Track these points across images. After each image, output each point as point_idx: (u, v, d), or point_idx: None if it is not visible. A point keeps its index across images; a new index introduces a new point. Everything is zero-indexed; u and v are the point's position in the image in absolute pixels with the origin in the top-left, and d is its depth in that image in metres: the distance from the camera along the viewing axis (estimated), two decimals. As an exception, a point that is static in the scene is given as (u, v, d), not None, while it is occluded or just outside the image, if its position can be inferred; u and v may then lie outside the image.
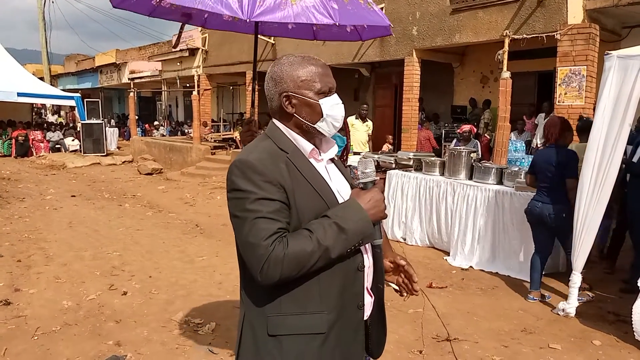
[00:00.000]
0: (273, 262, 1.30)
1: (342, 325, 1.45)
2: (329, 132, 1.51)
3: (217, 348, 3.55)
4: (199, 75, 16.69)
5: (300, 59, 1.49)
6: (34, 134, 17.76)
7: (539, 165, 4.64)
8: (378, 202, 1.44)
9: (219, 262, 5.59)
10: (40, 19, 23.94)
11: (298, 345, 1.40)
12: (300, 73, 1.46)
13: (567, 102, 7.67)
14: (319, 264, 1.35)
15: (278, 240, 1.31)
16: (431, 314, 4.26)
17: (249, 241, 1.33)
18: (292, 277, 1.34)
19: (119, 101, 31.61)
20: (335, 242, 1.34)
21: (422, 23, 9.74)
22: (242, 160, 1.39)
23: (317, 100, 1.47)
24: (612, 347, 3.73)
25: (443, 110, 12.32)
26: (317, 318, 1.40)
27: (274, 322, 1.40)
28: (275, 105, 1.51)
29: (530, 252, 5.21)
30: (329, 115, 1.48)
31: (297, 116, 1.47)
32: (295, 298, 1.39)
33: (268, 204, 1.34)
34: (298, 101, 1.47)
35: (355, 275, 1.47)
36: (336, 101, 1.51)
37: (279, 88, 1.48)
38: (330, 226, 1.35)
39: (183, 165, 14.11)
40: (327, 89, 1.49)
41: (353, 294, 1.47)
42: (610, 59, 3.96)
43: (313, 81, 1.47)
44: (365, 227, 1.40)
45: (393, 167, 7.01)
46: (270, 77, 1.50)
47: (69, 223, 7.45)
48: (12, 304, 4.30)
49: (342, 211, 1.39)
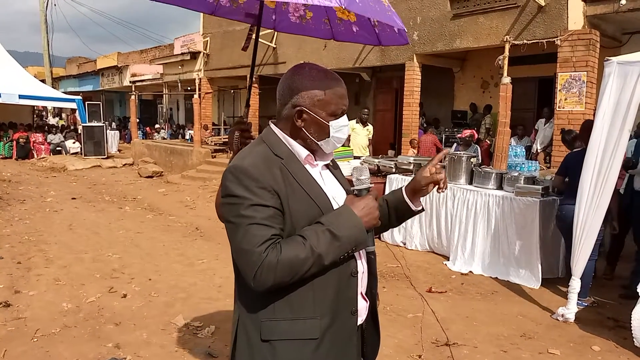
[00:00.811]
0: (266, 269, 1.29)
1: (336, 331, 1.45)
2: (329, 150, 1.53)
3: (216, 351, 3.55)
4: (200, 79, 16.74)
5: (323, 75, 1.48)
6: (35, 136, 17.79)
7: (572, 168, 4.61)
8: (371, 210, 1.44)
9: (219, 266, 5.60)
10: (42, 22, 24.01)
11: (291, 351, 1.40)
12: (319, 92, 1.45)
13: (567, 107, 7.69)
14: (312, 271, 1.35)
15: (272, 246, 1.31)
16: (430, 319, 4.26)
17: (242, 247, 1.33)
18: (286, 283, 1.34)
19: (120, 104, 31.66)
20: (329, 248, 1.35)
21: (422, 28, 9.78)
22: (237, 165, 1.38)
23: (327, 122, 1.47)
24: (611, 352, 3.73)
25: (443, 115, 12.34)
26: (310, 323, 1.40)
27: (267, 327, 1.40)
28: (284, 113, 1.50)
29: (529, 256, 5.22)
30: (334, 137, 1.49)
31: (304, 130, 1.47)
32: (288, 303, 1.39)
33: (262, 210, 1.34)
34: (309, 118, 1.46)
35: (349, 280, 1.47)
36: (344, 123, 1.51)
37: (294, 99, 1.46)
38: (324, 233, 1.35)
39: (184, 169, 14.13)
40: (340, 112, 1.49)
41: (347, 299, 1.47)
42: (610, 65, 3.97)
43: (329, 102, 1.46)
44: (358, 234, 1.40)
45: (393, 172, 7.02)
46: (288, 84, 1.48)
47: (69, 225, 7.46)
48: (12, 305, 4.30)
49: (336, 218, 1.39)
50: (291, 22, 2.78)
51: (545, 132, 9.25)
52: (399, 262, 5.97)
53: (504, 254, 5.45)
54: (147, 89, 23.51)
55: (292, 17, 2.76)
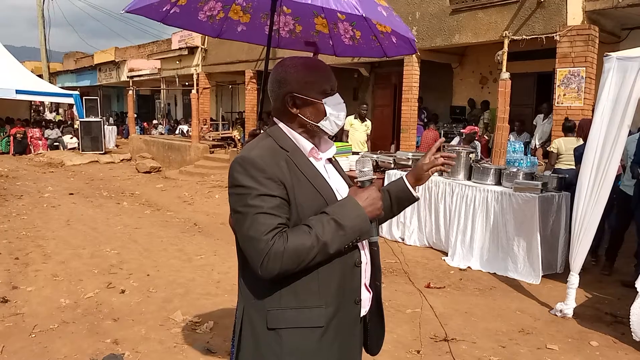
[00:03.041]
0: (273, 256, 1.34)
1: (340, 320, 1.49)
2: (332, 130, 1.57)
3: (215, 346, 3.55)
4: (198, 74, 16.68)
5: (303, 61, 1.55)
6: (32, 131, 17.72)
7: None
8: (374, 200, 1.48)
9: (217, 261, 5.59)
10: (39, 16, 23.90)
11: (297, 339, 1.44)
12: (304, 74, 1.51)
13: (566, 103, 7.68)
14: (318, 259, 1.39)
15: (278, 235, 1.35)
16: (429, 314, 4.27)
17: (250, 235, 1.37)
18: (292, 271, 1.38)
19: (117, 99, 31.55)
20: (334, 237, 1.38)
21: (421, 23, 9.75)
22: (244, 157, 1.43)
23: (320, 100, 1.52)
24: (609, 347, 3.74)
25: (442, 111, 12.33)
26: (316, 312, 1.44)
27: (273, 316, 1.44)
28: (278, 106, 1.55)
29: (528, 252, 5.23)
30: (331, 114, 1.54)
31: (301, 116, 1.53)
32: (294, 292, 1.43)
33: (269, 200, 1.38)
34: (302, 101, 1.52)
35: (353, 271, 1.51)
36: (338, 100, 1.56)
37: (282, 90, 1.52)
38: (329, 222, 1.39)
39: (182, 164, 14.10)
40: (330, 89, 1.54)
41: (351, 289, 1.51)
42: (610, 60, 3.97)
43: (316, 82, 1.52)
44: (362, 223, 1.44)
45: (392, 167, 7.01)
46: (275, 78, 1.54)
47: (67, 221, 7.44)
48: (10, 301, 4.29)
49: (340, 208, 1.44)
50: (346, 45, 2.82)
51: (544, 128, 9.25)
52: (398, 257, 5.97)
53: (502, 249, 5.45)
54: (144, 84, 23.40)
55: (345, 40, 2.81)
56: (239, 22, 2.77)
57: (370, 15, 1.95)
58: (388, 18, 2.10)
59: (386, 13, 2.10)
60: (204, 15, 2.62)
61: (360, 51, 2.82)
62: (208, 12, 2.61)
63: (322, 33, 2.79)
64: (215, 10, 2.62)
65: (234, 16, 2.72)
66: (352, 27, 2.69)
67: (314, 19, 2.74)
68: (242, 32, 2.83)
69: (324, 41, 2.83)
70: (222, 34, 2.80)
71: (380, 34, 2.61)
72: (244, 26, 2.80)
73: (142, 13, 2.35)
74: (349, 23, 2.66)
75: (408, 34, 2.33)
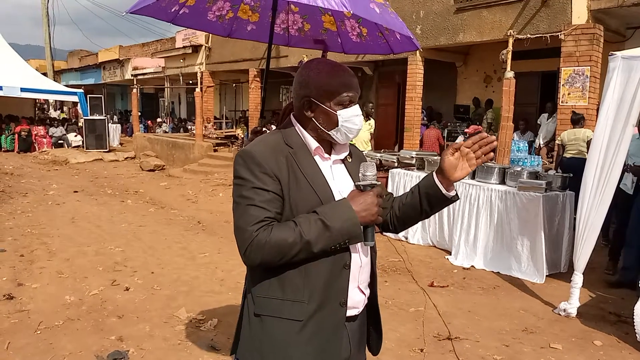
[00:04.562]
0: (255, 247, 1.40)
1: (322, 318, 1.49)
2: (342, 140, 1.57)
3: (219, 344, 3.56)
4: (202, 72, 16.69)
5: (330, 67, 1.55)
6: (36, 129, 17.78)
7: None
8: (370, 206, 1.47)
9: (221, 259, 5.61)
10: (43, 15, 23.95)
11: (277, 328, 1.48)
12: (325, 82, 1.52)
13: (570, 102, 7.66)
14: (301, 256, 1.42)
15: (263, 227, 1.41)
16: (432, 313, 4.27)
17: (238, 225, 1.45)
18: (275, 263, 1.42)
19: (121, 97, 31.63)
20: (318, 237, 1.41)
21: (425, 22, 9.73)
22: (246, 150, 1.49)
23: (335, 111, 1.53)
24: (613, 347, 3.74)
25: (446, 110, 12.30)
26: (297, 306, 1.47)
27: (260, 303, 1.50)
28: (297, 105, 1.58)
29: (532, 251, 5.22)
30: (344, 126, 1.54)
31: (314, 121, 1.55)
32: (281, 284, 1.48)
33: (262, 194, 1.43)
34: (317, 107, 1.54)
35: (342, 272, 1.51)
36: (355, 112, 1.55)
37: (303, 92, 1.55)
38: (316, 222, 1.41)
39: (185, 162, 14.13)
40: (348, 101, 1.54)
41: (337, 290, 1.51)
42: (615, 59, 3.95)
43: (335, 92, 1.52)
44: (351, 227, 1.44)
45: (395, 166, 7.01)
46: (299, 79, 1.57)
47: (72, 218, 7.47)
48: (15, 298, 4.32)
49: (331, 209, 1.45)
50: (354, 43, 2.82)
51: (548, 127, 9.22)
52: (401, 256, 5.97)
53: (506, 248, 5.45)
54: (148, 82, 23.46)
55: (353, 37, 2.81)
56: (248, 22, 2.78)
57: (360, 13, 1.94)
58: (382, 15, 2.07)
59: (379, 10, 2.07)
60: (213, 15, 2.63)
61: (368, 48, 2.81)
62: (217, 12, 2.62)
63: (330, 31, 2.80)
64: (224, 10, 2.63)
65: (243, 15, 2.73)
66: (358, 24, 2.69)
67: (322, 17, 2.75)
68: (251, 31, 2.84)
69: (332, 39, 2.83)
70: (233, 33, 2.81)
71: (386, 30, 2.61)
72: (254, 25, 2.81)
73: (148, 13, 2.36)
74: (355, 20, 2.66)
75: (404, 31, 2.31)
